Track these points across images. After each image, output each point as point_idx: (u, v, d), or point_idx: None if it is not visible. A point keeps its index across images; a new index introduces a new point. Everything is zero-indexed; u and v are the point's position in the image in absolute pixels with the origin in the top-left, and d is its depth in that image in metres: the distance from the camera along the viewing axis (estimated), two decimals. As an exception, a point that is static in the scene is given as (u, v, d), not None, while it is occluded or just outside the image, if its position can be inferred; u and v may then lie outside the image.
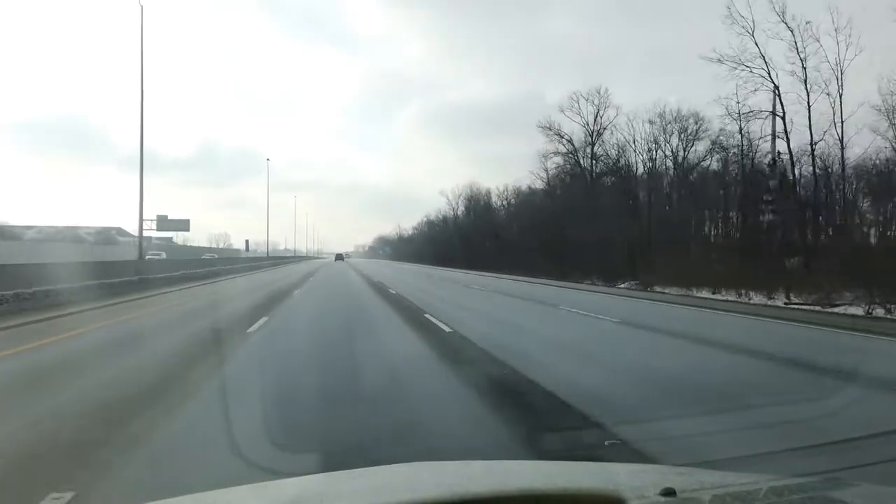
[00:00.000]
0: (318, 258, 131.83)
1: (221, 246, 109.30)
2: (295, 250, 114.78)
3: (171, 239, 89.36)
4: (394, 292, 21.14)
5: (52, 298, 14.23)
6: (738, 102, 28.21)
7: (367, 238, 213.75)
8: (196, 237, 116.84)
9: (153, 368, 7.12)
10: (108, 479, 3.53)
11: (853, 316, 14.95)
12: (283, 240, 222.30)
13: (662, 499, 1.34)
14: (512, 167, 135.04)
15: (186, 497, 1.46)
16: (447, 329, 10.78)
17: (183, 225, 56.33)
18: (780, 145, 27.58)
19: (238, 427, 4.42)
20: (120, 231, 70.68)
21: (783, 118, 26.38)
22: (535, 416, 5.16)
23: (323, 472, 1.84)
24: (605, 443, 4.16)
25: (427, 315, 13.13)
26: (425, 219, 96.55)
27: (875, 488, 1.69)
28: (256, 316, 12.37)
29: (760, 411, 5.27)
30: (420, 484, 1.54)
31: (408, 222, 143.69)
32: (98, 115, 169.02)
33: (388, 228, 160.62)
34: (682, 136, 37.21)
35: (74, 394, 5.83)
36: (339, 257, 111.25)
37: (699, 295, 22.73)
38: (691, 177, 38.28)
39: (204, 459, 3.89)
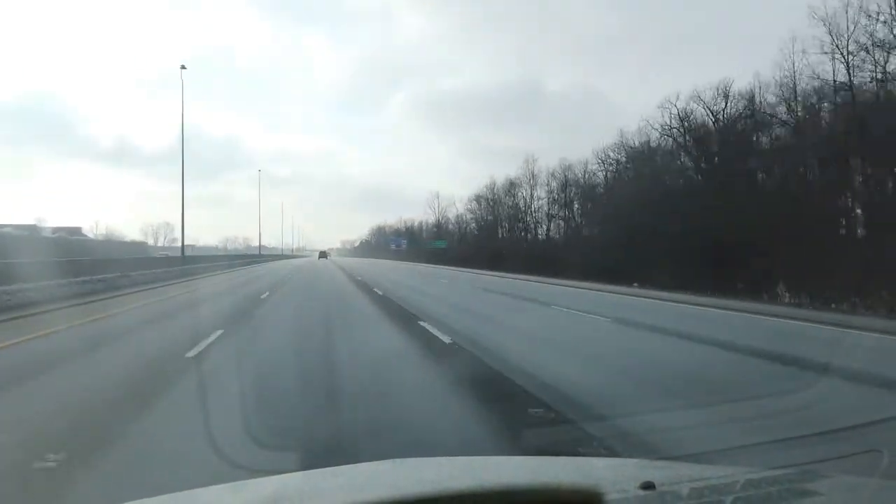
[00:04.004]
0: (297, 257, 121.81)
1: (160, 243, 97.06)
2: (259, 247, 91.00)
3: (80, 229, 74.71)
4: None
5: None
6: None
7: (353, 234, 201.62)
8: (130, 231, 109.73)
9: None
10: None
11: None
12: (258, 236, 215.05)
13: (642, 492, 1.36)
14: (514, 162, 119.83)
15: (166, 496, 1.46)
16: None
17: None
18: None
19: None
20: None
21: None
22: None
23: (303, 470, 1.82)
24: None
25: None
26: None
27: (848, 479, 1.72)
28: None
29: None
30: (401, 481, 1.54)
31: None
32: None
33: (382, 222, 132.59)
34: None
35: None
36: (323, 255, 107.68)
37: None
38: None
39: None
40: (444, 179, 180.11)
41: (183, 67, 35.22)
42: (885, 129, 21.99)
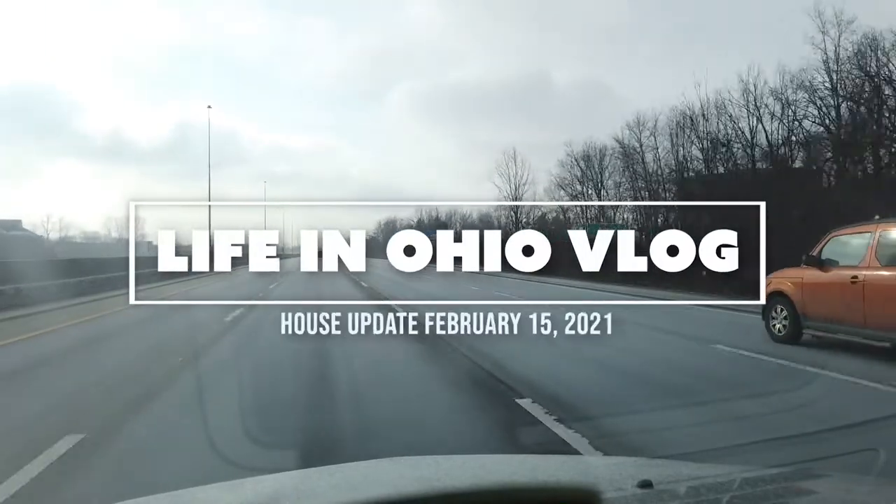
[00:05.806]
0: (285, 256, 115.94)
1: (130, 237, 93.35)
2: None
3: (19, 222, 70.09)
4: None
5: None
6: None
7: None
8: (92, 225, 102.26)
9: None
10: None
11: None
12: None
13: (639, 491, 1.36)
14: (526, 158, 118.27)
15: (164, 495, 1.47)
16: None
17: None
18: None
19: None
20: None
21: None
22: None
23: (300, 468, 1.83)
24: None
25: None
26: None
27: (845, 478, 1.73)
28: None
29: None
30: (398, 479, 1.54)
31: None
32: None
33: (391, 216, 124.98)
34: None
35: None
36: (321, 255, 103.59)
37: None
38: None
39: None
40: (448, 176, 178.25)
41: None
42: None
